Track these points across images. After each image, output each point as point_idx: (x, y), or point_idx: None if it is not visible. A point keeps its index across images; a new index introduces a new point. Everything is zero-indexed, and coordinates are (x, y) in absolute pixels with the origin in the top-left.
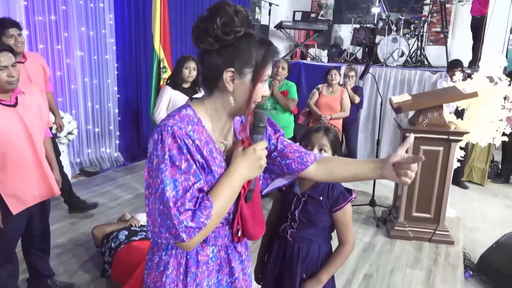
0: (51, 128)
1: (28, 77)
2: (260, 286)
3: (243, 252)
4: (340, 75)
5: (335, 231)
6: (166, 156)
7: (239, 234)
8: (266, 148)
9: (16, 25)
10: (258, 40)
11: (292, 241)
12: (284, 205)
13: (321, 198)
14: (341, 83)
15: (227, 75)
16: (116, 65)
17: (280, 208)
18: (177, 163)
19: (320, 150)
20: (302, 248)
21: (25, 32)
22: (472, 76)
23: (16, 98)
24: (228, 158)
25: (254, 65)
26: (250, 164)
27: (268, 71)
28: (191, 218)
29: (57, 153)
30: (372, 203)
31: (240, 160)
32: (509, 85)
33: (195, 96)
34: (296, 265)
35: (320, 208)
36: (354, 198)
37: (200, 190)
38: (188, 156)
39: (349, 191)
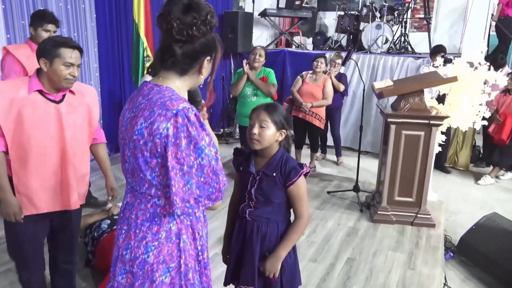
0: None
1: None
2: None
3: None
4: (326, 64)
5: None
6: (202, 135)
7: None
8: None
9: (55, 22)
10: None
11: (251, 221)
12: (242, 185)
13: (274, 174)
14: (327, 70)
15: (205, 62)
16: (98, 55)
17: (239, 189)
18: (208, 138)
19: (261, 126)
20: (261, 227)
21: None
22: (453, 61)
23: (64, 95)
24: None
25: (216, 50)
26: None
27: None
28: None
29: None
30: (356, 188)
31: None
32: (489, 69)
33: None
34: (256, 244)
35: (274, 184)
36: (307, 171)
37: None
38: (208, 130)
39: (301, 165)
